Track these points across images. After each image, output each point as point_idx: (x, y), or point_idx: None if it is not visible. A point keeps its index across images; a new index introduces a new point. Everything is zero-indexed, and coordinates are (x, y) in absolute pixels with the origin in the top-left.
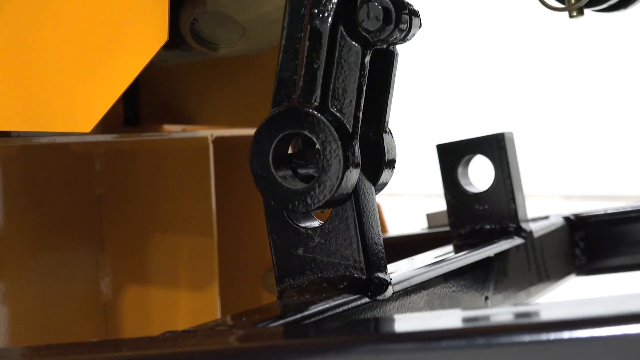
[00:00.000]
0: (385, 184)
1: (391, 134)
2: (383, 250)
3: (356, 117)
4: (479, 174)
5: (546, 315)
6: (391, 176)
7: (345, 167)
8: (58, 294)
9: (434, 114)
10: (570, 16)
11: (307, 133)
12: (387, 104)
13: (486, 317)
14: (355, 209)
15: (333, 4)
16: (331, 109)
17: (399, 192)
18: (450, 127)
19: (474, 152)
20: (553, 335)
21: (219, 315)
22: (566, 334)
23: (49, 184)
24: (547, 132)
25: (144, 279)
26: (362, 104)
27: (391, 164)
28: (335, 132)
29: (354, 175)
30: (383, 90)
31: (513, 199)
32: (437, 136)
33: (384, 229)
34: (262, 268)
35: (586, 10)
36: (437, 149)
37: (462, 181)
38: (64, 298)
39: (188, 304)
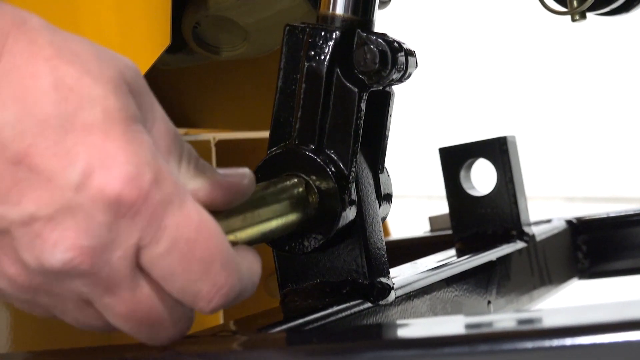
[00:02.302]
0: (383, 219)
1: (387, 173)
2: (386, 255)
3: (352, 160)
4: (482, 178)
5: (549, 321)
6: (389, 210)
7: (342, 209)
8: None
9: (436, 116)
10: (573, 20)
11: (303, 175)
12: (382, 145)
13: (489, 324)
14: (357, 214)
15: (329, 46)
16: (327, 151)
17: (400, 194)
18: (452, 129)
19: (476, 156)
20: (556, 342)
21: (221, 320)
22: (569, 341)
23: None
24: (550, 134)
25: None
26: (358, 146)
27: (388, 199)
28: (331, 175)
29: (350, 214)
30: (379, 130)
31: (515, 203)
32: (439, 138)
33: (386, 233)
34: (265, 272)
35: (588, 14)
36: (440, 153)
37: (465, 185)
38: None
39: None
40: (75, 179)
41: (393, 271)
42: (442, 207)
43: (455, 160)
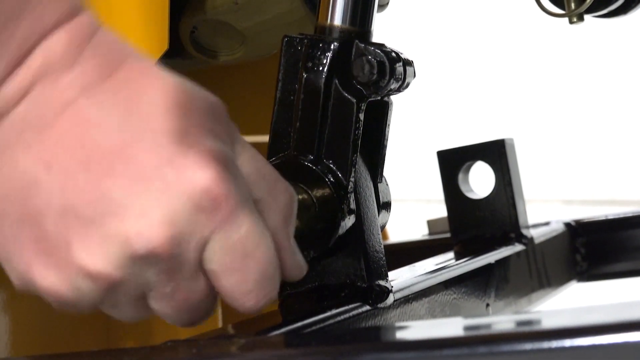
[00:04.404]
0: (383, 226)
1: (386, 182)
2: (384, 258)
3: (351, 169)
4: (480, 181)
5: (548, 323)
6: (388, 218)
7: (341, 219)
8: None
9: (434, 119)
10: (571, 22)
11: (302, 185)
12: (381, 155)
13: (488, 325)
14: (356, 217)
15: (327, 57)
16: (325, 161)
17: (399, 198)
18: (450, 132)
19: (474, 159)
20: (555, 343)
21: (220, 324)
22: (568, 342)
23: None
24: (548, 136)
25: None
26: (357, 156)
27: (386, 207)
28: (330, 185)
29: (349, 223)
30: (377, 140)
31: (514, 206)
32: (437, 141)
33: (385, 236)
34: None
35: (586, 16)
36: (438, 156)
37: (463, 187)
38: None
39: None
40: (165, 172)
41: (391, 274)
42: (440, 211)
43: (453, 163)
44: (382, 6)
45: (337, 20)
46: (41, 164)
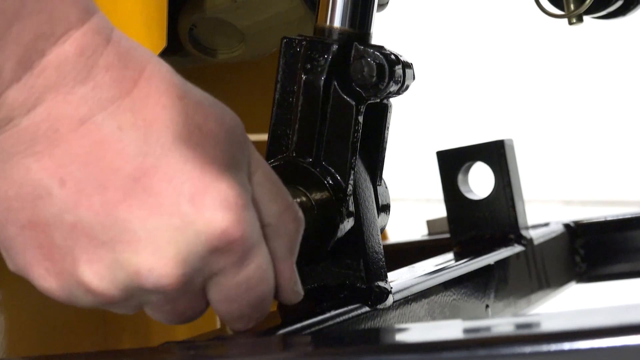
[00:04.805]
0: (382, 228)
1: (385, 184)
2: (383, 259)
3: (349, 172)
4: (480, 181)
5: (547, 326)
6: (387, 221)
7: (340, 222)
8: (56, 303)
9: (433, 119)
10: (570, 23)
11: (301, 188)
12: (380, 157)
13: (487, 328)
14: (355, 218)
15: (326, 59)
16: (324, 164)
17: (398, 198)
18: (449, 132)
19: (474, 159)
20: (554, 347)
21: (218, 325)
22: (567, 345)
23: None
24: (547, 137)
25: None
26: (356, 159)
27: (386, 209)
28: (328, 187)
29: (347, 226)
30: (376, 142)
31: (513, 206)
32: (436, 141)
33: (384, 236)
34: None
35: (585, 18)
36: (437, 156)
37: (462, 188)
38: (62, 307)
39: None
40: (184, 209)
41: (391, 275)
42: (439, 211)
43: (452, 163)
44: (381, 6)
45: (337, 22)
46: (55, 178)
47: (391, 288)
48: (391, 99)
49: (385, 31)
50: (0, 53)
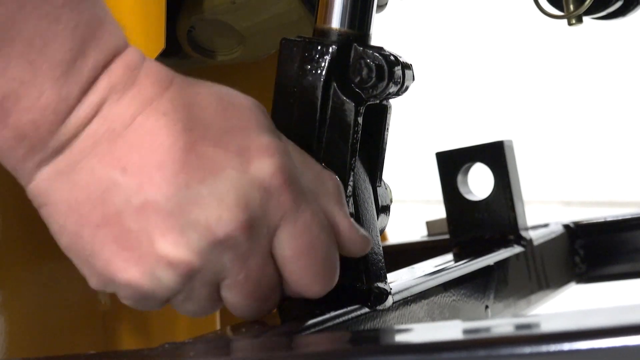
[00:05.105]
0: (382, 229)
1: (385, 185)
2: (383, 260)
3: (349, 173)
4: (479, 182)
5: (547, 326)
6: (387, 222)
7: None
8: (55, 304)
9: (433, 120)
10: (569, 24)
11: None
12: (379, 158)
13: (487, 329)
14: (354, 219)
15: (326, 60)
16: (323, 165)
17: (398, 199)
18: (449, 133)
19: (473, 160)
20: (554, 347)
21: (218, 326)
22: (567, 346)
23: None
24: (547, 137)
25: None
26: (355, 160)
27: (385, 210)
28: None
29: None
30: (376, 144)
31: (513, 207)
32: (436, 142)
33: (383, 237)
34: None
35: (585, 18)
36: (437, 157)
37: (462, 189)
38: (61, 308)
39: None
40: (235, 163)
41: (390, 276)
42: (439, 212)
43: (452, 164)
44: (380, 7)
45: (336, 23)
46: (117, 169)
47: (390, 289)
48: (391, 100)
49: (384, 32)
50: (68, 84)
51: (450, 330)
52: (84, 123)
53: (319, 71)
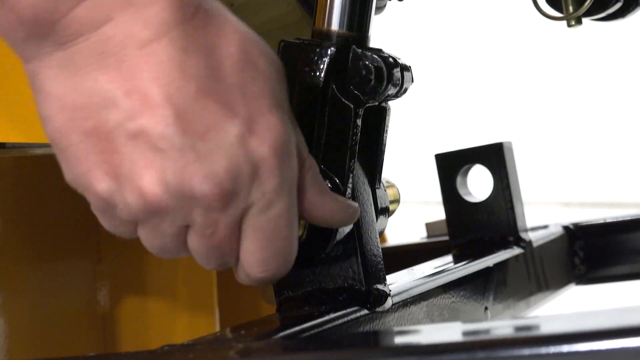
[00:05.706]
0: (381, 231)
1: (384, 187)
2: (382, 262)
3: (348, 175)
4: (479, 184)
5: (546, 328)
6: (386, 224)
7: None
8: (55, 306)
9: (432, 122)
10: (569, 25)
11: None
12: (378, 160)
13: (486, 331)
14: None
15: (325, 62)
16: (323, 167)
17: None
18: (448, 135)
19: (472, 162)
20: (553, 349)
21: (217, 328)
22: (566, 347)
23: (44, 195)
24: (546, 139)
25: (142, 291)
26: (354, 162)
27: (384, 212)
28: None
29: (346, 228)
30: (375, 146)
31: (512, 209)
32: (435, 144)
33: (383, 239)
34: None
35: (584, 20)
36: (436, 159)
37: (461, 191)
38: (60, 310)
39: (186, 316)
40: (239, 131)
41: (390, 278)
42: (438, 213)
43: (451, 166)
44: (379, 8)
45: (335, 25)
46: (121, 90)
47: (390, 291)
48: (390, 102)
49: (383, 34)
50: None
51: (449, 332)
52: (91, 24)
53: (317, 73)
